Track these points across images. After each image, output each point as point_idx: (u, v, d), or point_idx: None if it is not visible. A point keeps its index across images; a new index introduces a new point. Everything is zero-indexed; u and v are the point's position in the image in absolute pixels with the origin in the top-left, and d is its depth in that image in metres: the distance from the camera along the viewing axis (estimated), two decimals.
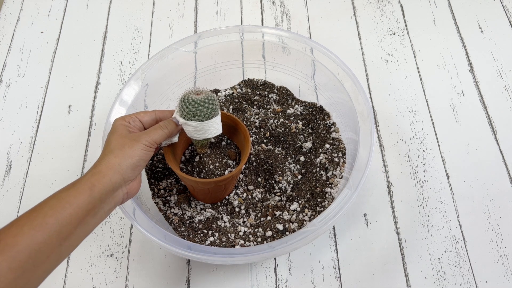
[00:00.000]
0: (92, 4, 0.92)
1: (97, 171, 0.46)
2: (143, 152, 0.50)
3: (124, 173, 0.48)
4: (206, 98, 0.54)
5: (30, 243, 0.39)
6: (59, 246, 0.42)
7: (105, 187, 0.46)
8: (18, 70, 0.83)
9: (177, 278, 0.62)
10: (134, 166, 0.49)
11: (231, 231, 0.60)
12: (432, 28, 0.87)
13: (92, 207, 0.44)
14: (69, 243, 0.43)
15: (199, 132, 0.55)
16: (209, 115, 0.54)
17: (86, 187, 0.44)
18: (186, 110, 0.53)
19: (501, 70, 0.81)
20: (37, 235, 0.40)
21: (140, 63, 0.84)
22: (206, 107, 0.53)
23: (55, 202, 0.43)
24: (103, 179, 0.46)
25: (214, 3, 0.91)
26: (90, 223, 0.45)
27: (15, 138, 0.75)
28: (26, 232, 0.40)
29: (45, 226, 0.41)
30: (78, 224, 0.43)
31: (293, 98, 0.74)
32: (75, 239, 0.44)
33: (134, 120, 0.53)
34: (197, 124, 0.54)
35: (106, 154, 0.48)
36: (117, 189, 0.47)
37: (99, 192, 0.45)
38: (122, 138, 0.50)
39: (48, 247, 0.41)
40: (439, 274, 0.62)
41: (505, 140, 0.73)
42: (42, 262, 0.41)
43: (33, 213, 0.41)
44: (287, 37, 0.69)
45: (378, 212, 0.67)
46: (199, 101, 0.53)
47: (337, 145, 0.67)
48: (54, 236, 0.41)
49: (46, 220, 0.41)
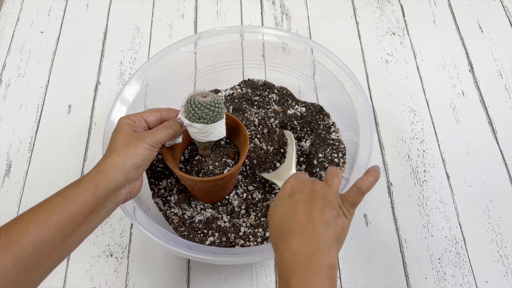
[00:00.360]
0: (92, 4, 0.92)
1: (101, 169, 0.46)
2: (148, 152, 0.49)
3: (128, 172, 0.48)
4: (213, 101, 0.54)
5: (34, 240, 0.40)
6: (62, 244, 0.42)
7: (109, 185, 0.46)
8: (18, 70, 0.83)
9: (177, 278, 0.62)
10: (138, 165, 0.49)
11: (231, 231, 0.60)
12: (432, 28, 0.87)
13: (96, 205, 0.45)
14: (72, 241, 0.43)
15: (204, 135, 0.55)
16: (215, 118, 0.54)
17: (91, 185, 0.45)
18: (192, 112, 0.53)
19: (501, 70, 0.81)
20: (41, 232, 0.40)
21: (140, 63, 0.84)
22: (212, 110, 0.53)
23: (59, 199, 0.43)
24: (107, 178, 0.46)
25: (214, 3, 0.91)
26: (93, 221, 0.45)
27: (15, 138, 0.75)
28: (31, 229, 0.40)
29: (49, 223, 0.41)
30: (82, 222, 0.43)
31: (293, 98, 0.74)
32: (78, 237, 0.44)
33: (139, 120, 0.53)
34: (202, 126, 0.54)
35: (111, 152, 0.48)
36: (120, 188, 0.47)
37: (103, 191, 0.45)
38: (127, 137, 0.50)
39: (52, 244, 0.41)
40: (439, 274, 0.62)
41: (505, 140, 0.73)
42: (45, 259, 0.41)
43: (38, 210, 0.42)
44: (287, 37, 0.69)
45: (378, 212, 0.67)
46: (205, 103, 0.53)
47: (337, 145, 0.67)
48: (58, 234, 0.41)
49: (51, 217, 0.41)
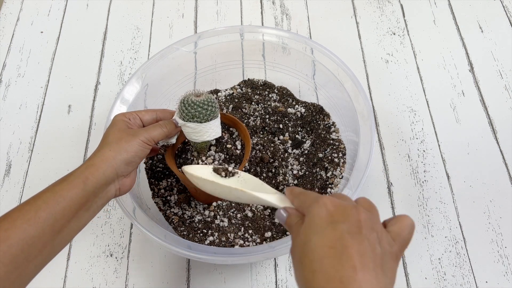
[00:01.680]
0: (92, 4, 0.92)
1: (91, 164, 0.46)
2: (140, 148, 0.49)
3: (117, 167, 0.47)
4: (206, 100, 0.54)
5: (22, 237, 0.39)
6: (52, 241, 0.42)
7: (98, 180, 0.45)
8: (18, 70, 0.83)
9: (177, 278, 0.62)
10: (128, 161, 0.48)
11: (231, 231, 0.60)
12: (432, 28, 0.87)
13: (86, 200, 0.44)
14: (62, 237, 0.43)
15: (198, 134, 0.55)
16: (208, 117, 0.54)
17: (80, 181, 0.44)
18: (185, 112, 0.54)
19: (501, 70, 0.81)
20: (29, 229, 0.40)
21: (140, 63, 0.84)
22: (205, 109, 0.54)
23: (48, 195, 0.42)
24: (96, 172, 0.45)
25: (214, 3, 0.91)
26: (83, 217, 0.45)
27: (15, 138, 0.75)
28: (19, 226, 0.39)
29: (38, 220, 0.40)
30: (72, 218, 0.43)
31: (293, 98, 0.74)
32: (68, 233, 0.44)
33: (134, 118, 0.53)
34: (195, 125, 0.54)
35: (102, 147, 0.48)
36: (110, 183, 0.47)
37: (92, 186, 0.45)
38: (119, 132, 0.49)
39: (41, 241, 0.40)
40: (439, 274, 0.62)
41: (505, 140, 0.73)
42: (34, 256, 0.40)
43: (26, 206, 0.41)
44: (287, 37, 0.69)
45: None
46: (198, 103, 0.54)
47: (337, 145, 0.67)
48: (47, 230, 0.41)
49: (39, 214, 0.41)
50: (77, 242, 0.65)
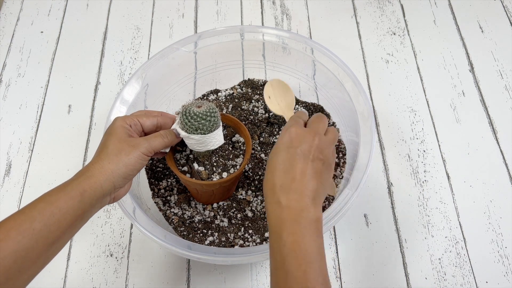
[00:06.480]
0: (92, 4, 0.92)
1: (89, 175, 0.45)
2: (139, 161, 0.48)
3: (115, 181, 0.46)
4: (208, 111, 0.53)
5: (16, 249, 0.38)
6: (46, 252, 0.41)
7: (96, 193, 0.45)
8: (18, 70, 0.83)
9: (177, 278, 0.62)
10: (126, 175, 0.47)
11: (231, 231, 0.60)
12: (432, 28, 0.87)
13: (82, 212, 0.43)
14: (56, 247, 0.42)
15: (202, 145, 0.55)
16: (212, 128, 0.54)
17: (78, 192, 0.43)
18: (188, 124, 0.53)
19: (502, 70, 0.81)
20: (23, 241, 0.39)
21: (140, 63, 0.84)
22: (208, 120, 0.53)
23: (44, 206, 0.41)
24: (94, 185, 0.44)
25: (214, 3, 0.91)
26: (77, 226, 0.44)
27: (15, 138, 0.75)
28: (13, 238, 0.38)
29: (32, 231, 0.39)
30: (67, 229, 0.42)
31: None
32: (62, 242, 0.43)
33: (135, 124, 0.52)
34: (199, 137, 0.53)
35: (102, 158, 0.47)
36: (106, 196, 0.47)
37: (89, 198, 0.44)
38: (120, 143, 0.48)
39: (35, 252, 0.40)
40: (440, 274, 0.62)
41: (506, 140, 0.73)
42: (27, 267, 0.39)
43: (21, 216, 0.40)
44: (287, 37, 0.69)
45: (378, 212, 0.67)
46: (201, 114, 0.53)
47: (337, 145, 0.67)
48: (41, 242, 0.40)
49: (34, 225, 0.40)
50: (77, 242, 0.65)
